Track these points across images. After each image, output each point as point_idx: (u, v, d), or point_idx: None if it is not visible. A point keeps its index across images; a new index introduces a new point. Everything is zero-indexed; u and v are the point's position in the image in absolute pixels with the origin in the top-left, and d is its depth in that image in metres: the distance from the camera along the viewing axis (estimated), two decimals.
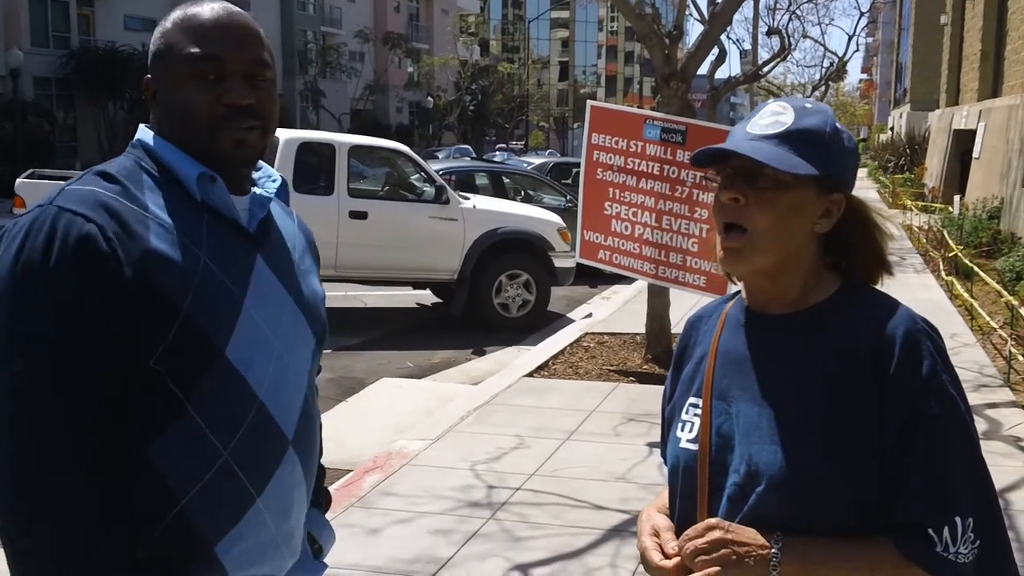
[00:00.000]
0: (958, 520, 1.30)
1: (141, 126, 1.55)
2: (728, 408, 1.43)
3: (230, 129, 1.46)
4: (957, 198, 17.68)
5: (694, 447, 1.45)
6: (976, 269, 10.38)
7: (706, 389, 1.47)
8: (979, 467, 1.35)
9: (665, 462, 1.58)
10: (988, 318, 8.82)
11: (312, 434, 1.57)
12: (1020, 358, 7.29)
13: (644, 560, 1.46)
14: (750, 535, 1.33)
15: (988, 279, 9.63)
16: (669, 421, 1.57)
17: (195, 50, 1.45)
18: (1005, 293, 8.64)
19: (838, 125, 1.43)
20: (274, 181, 1.60)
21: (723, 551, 1.32)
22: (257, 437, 1.44)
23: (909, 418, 1.32)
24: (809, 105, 1.44)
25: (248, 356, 1.44)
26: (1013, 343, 7.52)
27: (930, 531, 1.29)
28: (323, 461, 1.85)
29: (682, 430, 1.49)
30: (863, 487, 1.32)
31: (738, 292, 1.53)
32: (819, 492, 1.32)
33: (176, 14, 1.50)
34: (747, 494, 1.36)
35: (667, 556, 1.42)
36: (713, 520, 1.36)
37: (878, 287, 1.48)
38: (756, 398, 1.40)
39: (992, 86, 18.69)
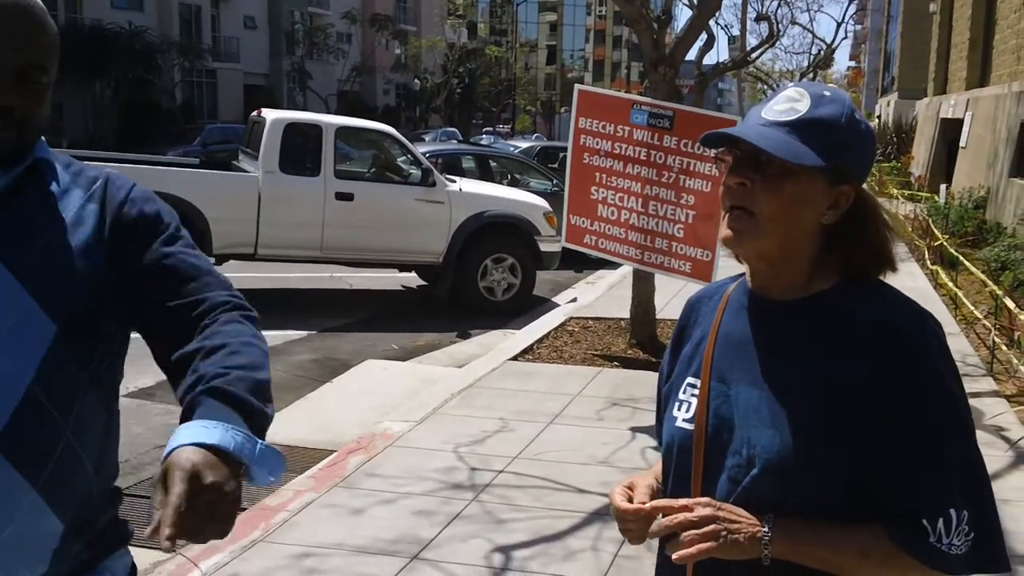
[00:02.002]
0: (953, 512, 1.30)
1: None
2: (727, 390, 1.44)
3: None
4: (943, 187, 17.75)
5: (690, 427, 1.46)
6: (961, 258, 10.43)
7: (705, 370, 1.47)
8: (976, 461, 1.36)
9: (659, 441, 1.59)
10: (972, 307, 8.87)
11: (42, 436, 1.36)
12: (1003, 348, 7.33)
13: (612, 510, 1.48)
14: (741, 513, 1.33)
15: (973, 268, 9.68)
16: (665, 400, 1.58)
17: None
18: (990, 283, 8.69)
19: (856, 115, 1.41)
20: (31, 157, 1.46)
21: (713, 527, 1.32)
22: None
23: (907, 409, 1.32)
24: (827, 93, 1.42)
25: None
26: (996, 333, 7.57)
27: (924, 521, 1.30)
28: (306, 442, 1.74)
29: (678, 409, 1.49)
30: (858, 474, 1.33)
31: (741, 275, 1.53)
32: (814, 477, 1.33)
33: None
34: (744, 475, 1.37)
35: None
36: (703, 499, 1.36)
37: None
38: (756, 381, 1.41)
39: (980, 75, 18.74)
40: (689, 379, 1.51)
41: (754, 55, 14.51)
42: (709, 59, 19.01)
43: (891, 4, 40.94)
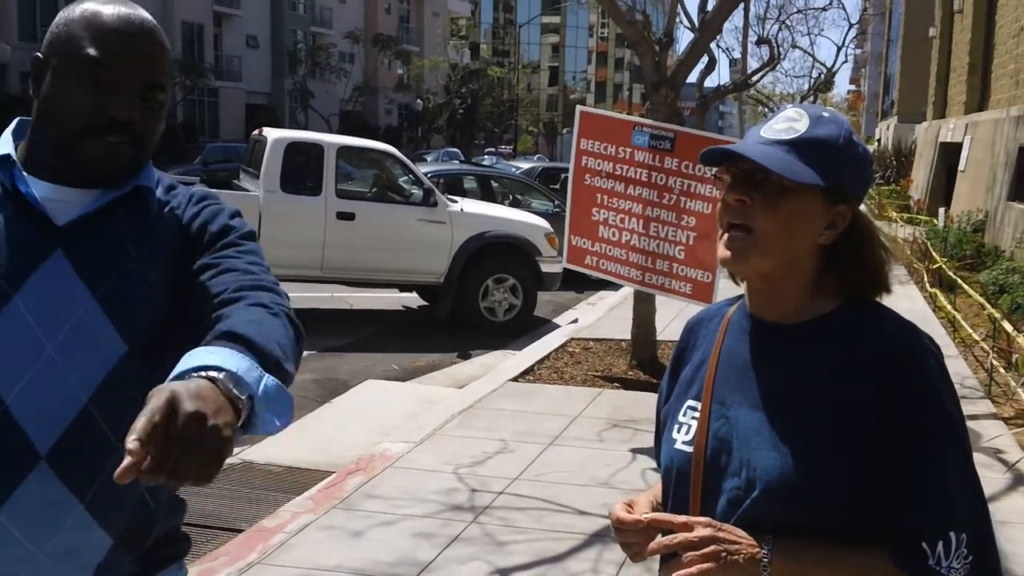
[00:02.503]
0: (952, 535, 1.31)
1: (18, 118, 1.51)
2: (727, 412, 1.44)
3: (101, 140, 1.41)
4: (942, 210, 17.79)
5: (689, 449, 1.46)
6: (960, 281, 10.44)
7: (706, 392, 1.48)
8: (974, 483, 1.37)
9: (658, 463, 1.59)
10: (971, 330, 8.88)
11: (92, 452, 1.37)
12: (1001, 371, 7.33)
13: (612, 521, 1.48)
14: (740, 534, 1.34)
15: (971, 292, 9.70)
16: (664, 422, 1.58)
17: (92, 53, 1.40)
18: (988, 306, 8.70)
19: (854, 137, 1.43)
20: (139, 179, 1.48)
21: (713, 547, 1.32)
22: None
23: (907, 432, 1.33)
24: (826, 114, 1.44)
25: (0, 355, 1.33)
26: (994, 356, 7.57)
27: (924, 544, 1.31)
28: (305, 463, 1.76)
29: (678, 431, 1.50)
30: (857, 497, 1.33)
31: (740, 297, 1.54)
32: (814, 499, 1.33)
33: (85, 6, 1.44)
34: (744, 498, 1.37)
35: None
36: (704, 519, 1.36)
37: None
38: (757, 404, 1.41)
39: (979, 99, 18.82)
40: (689, 402, 1.51)
41: (755, 78, 14.57)
42: (710, 82, 19.10)
43: (891, 28, 41.18)
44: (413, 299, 10.85)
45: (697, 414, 1.48)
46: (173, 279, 1.47)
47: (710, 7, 7.59)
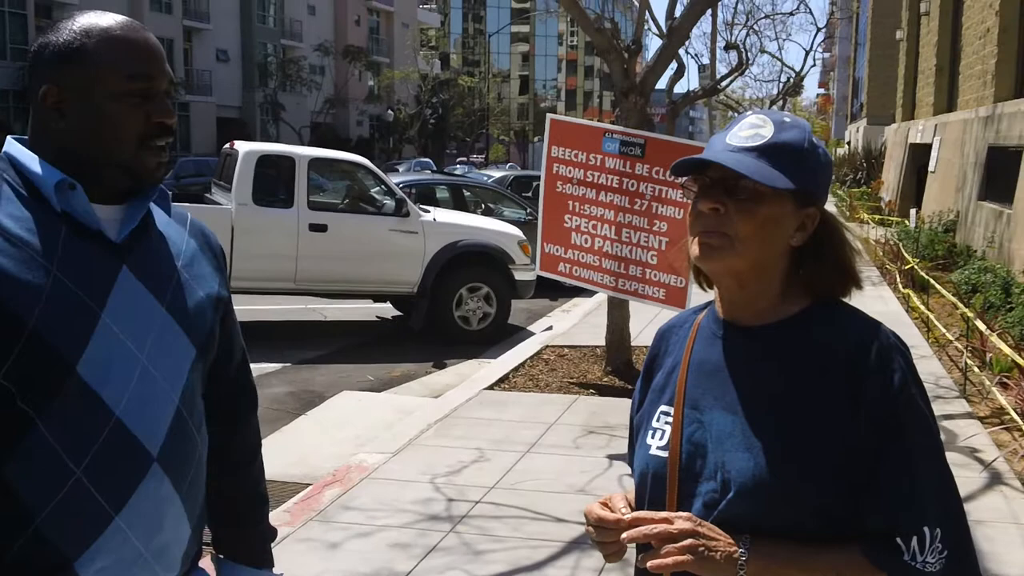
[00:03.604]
0: (926, 530, 1.32)
1: (8, 138, 1.54)
2: (700, 416, 1.45)
3: (155, 148, 1.50)
4: (913, 211, 17.97)
5: (664, 454, 1.46)
6: (932, 282, 10.53)
7: (678, 397, 1.48)
8: (947, 479, 1.38)
9: (632, 469, 1.59)
10: (944, 330, 8.95)
11: (186, 448, 1.53)
12: (976, 370, 7.39)
13: (587, 518, 1.47)
14: (719, 532, 1.34)
15: (944, 292, 9.78)
16: (638, 428, 1.59)
17: (130, 68, 1.46)
18: (961, 305, 8.77)
19: (814, 140, 1.45)
20: (155, 188, 1.57)
21: (691, 541, 1.33)
22: (113, 455, 1.41)
23: (880, 430, 1.34)
24: (787, 119, 1.46)
25: (104, 371, 1.41)
26: (969, 355, 7.63)
27: (898, 540, 1.32)
28: (281, 475, 1.88)
29: (652, 437, 1.50)
30: (832, 496, 1.34)
31: (710, 303, 1.55)
32: (789, 500, 1.34)
33: (88, 25, 1.48)
34: (719, 500, 1.38)
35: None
36: (685, 513, 1.37)
37: (847, 301, 1.49)
38: (730, 407, 1.42)
39: (947, 100, 19.04)
40: (662, 407, 1.51)
41: (724, 83, 14.67)
42: (680, 87, 19.19)
43: (858, 32, 41.63)
44: (387, 309, 10.81)
45: (671, 419, 1.48)
46: (214, 285, 1.64)
47: (678, 13, 7.61)
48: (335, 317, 10.78)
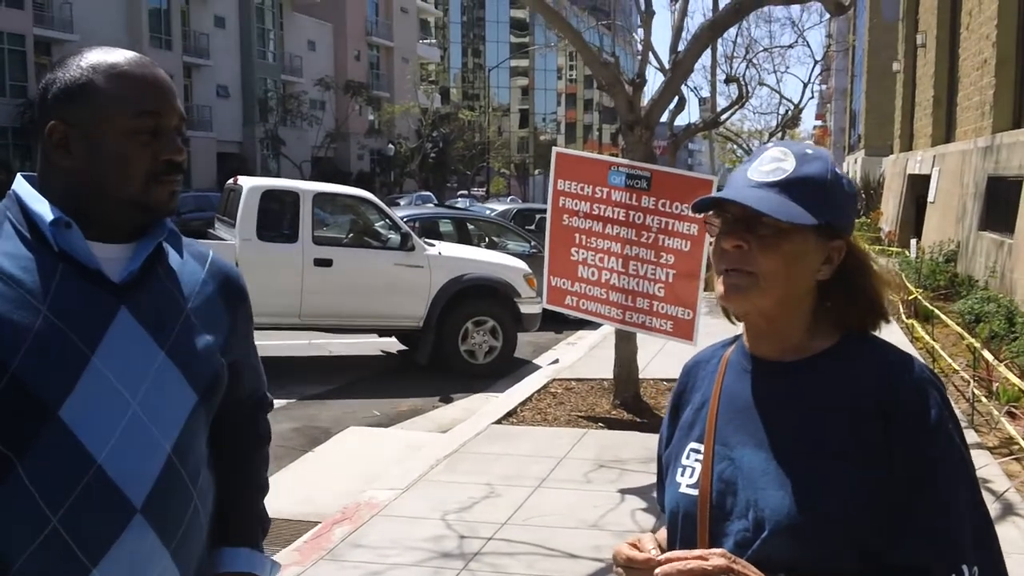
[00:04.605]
0: (965, 568, 1.30)
1: (18, 176, 1.52)
2: (730, 454, 1.43)
3: (166, 183, 1.47)
4: (914, 242, 17.99)
5: (695, 492, 1.44)
6: (937, 312, 10.52)
7: (708, 434, 1.46)
8: (984, 515, 1.36)
9: (662, 508, 1.58)
10: (950, 360, 8.93)
11: (178, 500, 1.45)
12: (983, 400, 7.37)
13: (615, 559, 1.44)
14: (754, 570, 1.32)
15: (950, 322, 9.77)
16: (666, 466, 1.57)
17: (138, 105, 1.44)
18: (967, 335, 8.76)
19: (837, 170, 1.44)
20: (165, 229, 1.54)
21: None
22: (92, 504, 1.36)
23: (917, 467, 1.33)
24: (810, 151, 1.44)
25: (88, 416, 1.37)
26: (975, 385, 7.61)
27: None
28: (289, 514, 1.84)
29: (682, 475, 1.48)
30: (869, 533, 1.32)
31: (738, 337, 1.54)
32: (826, 538, 1.32)
33: (95, 61, 1.46)
34: (753, 539, 1.36)
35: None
36: (719, 550, 1.34)
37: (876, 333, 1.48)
38: (762, 444, 1.40)
39: (945, 131, 19.13)
40: (692, 444, 1.50)
41: (724, 116, 14.75)
42: (680, 120, 19.31)
43: (855, 64, 41.93)
44: (392, 344, 10.79)
45: (700, 456, 1.46)
46: (223, 330, 1.59)
47: (681, 48, 7.67)
48: (340, 352, 10.76)
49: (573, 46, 7.67)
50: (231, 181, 9.97)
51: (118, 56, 1.47)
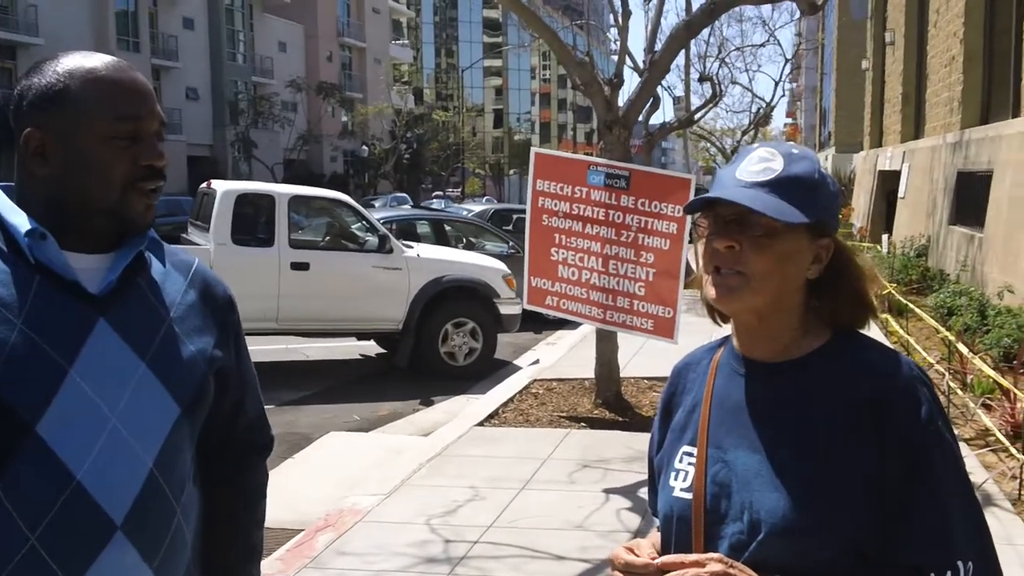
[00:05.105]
0: (960, 564, 1.31)
1: None
2: (724, 456, 1.43)
3: (143, 191, 1.44)
4: (885, 237, 18.16)
5: (688, 496, 1.44)
6: (911, 306, 10.62)
7: (701, 437, 1.46)
8: (976, 511, 1.37)
9: (654, 512, 1.58)
10: (924, 354, 9.02)
11: (160, 516, 1.42)
12: (959, 392, 7.44)
13: (613, 564, 1.44)
14: (751, 573, 1.32)
15: (925, 316, 9.86)
16: (658, 470, 1.56)
17: (116, 110, 1.41)
18: (942, 329, 8.84)
19: (824, 170, 1.44)
20: (145, 238, 1.51)
21: None
22: (71, 521, 1.33)
23: (909, 465, 1.33)
24: (796, 151, 1.45)
25: (66, 431, 1.33)
26: (950, 377, 7.68)
27: (932, 575, 1.31)
28: (271, 522, 1.80)
29: (675, 479, 1.48)
30: (864, 533, 1.33)
31: (726, 339, 1.54)
32: (821, 539, 1.32)
33: (71, 66, 1.42)
34: (748, 541, 1.36)
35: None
36: (716, 555, 1.35)
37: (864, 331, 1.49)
38: (755, 446, 1.40)
39: (914, 128, 19.32)
40: (684, 447, 1.49)
41: (699, 115, 14.83)
42: (654, 119, 19.35)
43: (824, 62, 42.27)
44: (371, 347, 10.74)
45: (693, 460, 1.46)
46: (208, 341, 1.55)
47: (657, 47, 7.69)
48: (318, 356, 10.70)
49: (549, 47, 7.68)
50: (204, 185, 9.88)
51: (95, 60, 1.44)
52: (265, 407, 1.78)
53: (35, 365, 1.33)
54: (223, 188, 9.26)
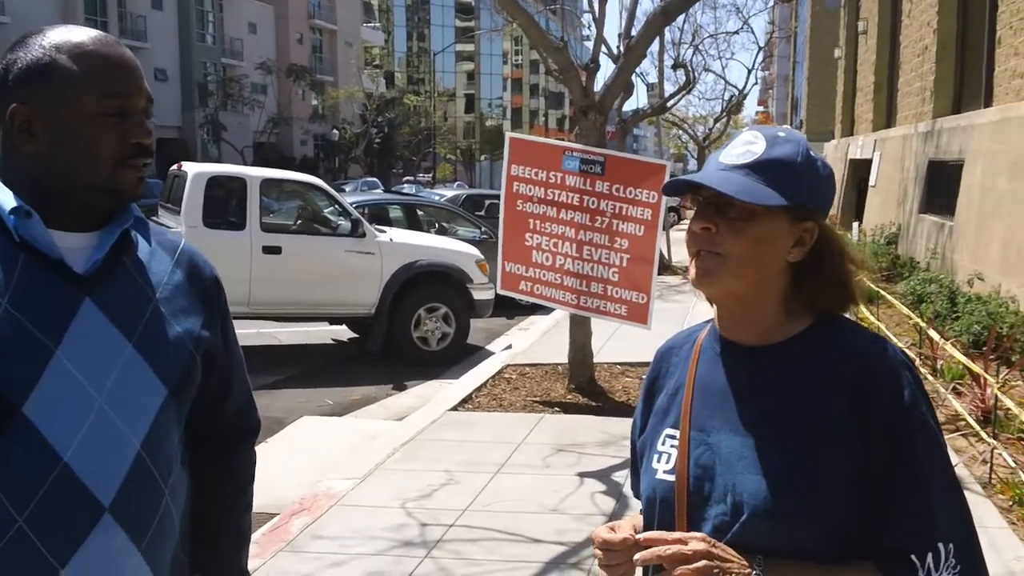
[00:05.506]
0: (941, 546, 1.32)
1: None
2: (707, 439, 1.43)
3: (133, 167, 1.42)
4: (855, 225, 18.31)
5: (671, 478, 1.44)
6: (883, 293, 10.72)
7: (684, 420, 1.46)
8: (957, 492, 1.38)
9: (636, 494, 1.58)
10: (896, 340, 9.11)
11: (148, 498, 1.41)
12: (929, 378, 7.52)
13: (594, 542, 1.44)
14: (733, 553, 1.33)
15: (896, 302, 9.96)
16: (641, 453, 1.56)
17: (104, 86, 1.39)
18: (913, 316, 8.94)
19: (812, 153, 1.44)
20: (130, 216, 1.50)
21: (705, 563, 1.31)
22: (59, 503, 1.32)
23: (893, 449, 1.34)
24: (782, 134, 1.45)
25: (53, 412, 1.32)
26: (921, 363, 7.77)
27: (913, 557, 1.32)
28: None
29: (658, 461, 1.48)
30: (846, 515, 1.33)
31: (709, 322, 1.54)
32: (804, 521, 1.32)
33: (58, 40, 1.40)
34: (731, 523, 1.36)
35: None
36: (699, 534, 1.35)
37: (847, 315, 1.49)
38: (738, 429, 1.40)
39: (886, 117, 19.47)
40: (667, 430, 1.49)
41: (672, 101, 14.84)
42: (628, 106, 19.37)
43: (797, 50, 42.48)
44: (343, 332, 10.69)
45: (676, 442, 1.46)
46: (195, 322, 1.53)
47: (634, 33, 7.68)
48: (289, 341, 10.63)
49: (524, 31, 7.64)
50: (175, 167, 9.76)
51: (82, 35, 1.41)
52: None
53: (20, 345, 1.32)
54: (194, 171, 9.16)
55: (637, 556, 1.35)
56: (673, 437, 1.47)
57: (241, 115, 50.87)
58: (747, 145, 1.41)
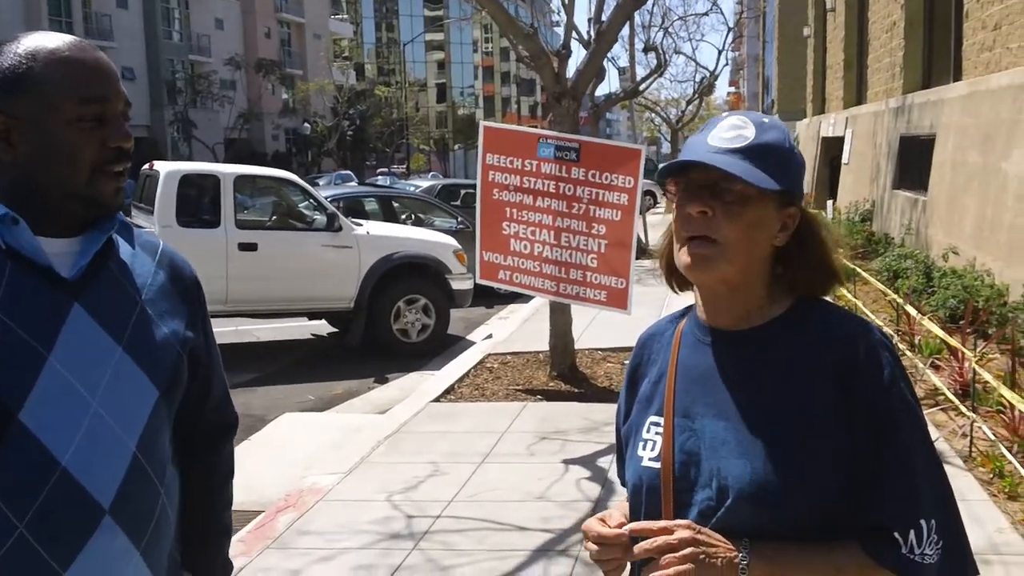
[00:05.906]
0: (923, 522, 1.34)
1: None
2: (691, 424, 1.43)
3: (111, 174, 1.43)
4: (829, 203, 18.41)
5: (657, 465, 1.45)
6: (858, 270, 10.79)
7: (668, 406, 1.47)
8: (938, 469, 1.39)
9: (623, 482, 1.59)
10: (873, 317, 9.17)
11: (146, 499, 1.42)
12: (907, 353, 7.58)
13: (586, 535, 1.46)
14: (719, 538, 1.34)
15: (872, 279, 10.03)
16: (626, 440, 1.57)
17: (83, 92, 1.39)
18: (890, 292, 9.00)
19: (791, 140, 1.46)
20: (115, 223, 1.50)
21: (691, 549, 1.32)
22: (59, 508, 1.33)
23: (873, 427, 1.35)
24: (767, 120, 1.46)
25: (49, 418, 1.33)
26: (899, 339, 7.83)
27: (896, 534, 1.33)
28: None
29: (643, 448, 1.48)
30: (830, 497, 1.34)
31: (689, 308, 1.53)
32: (788, 502, 1.33)
33: (33, 47, 1.39)
34: (717, 507, 1.37)
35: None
36: (684, 521, 1.36)
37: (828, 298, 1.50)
38: (722, 413, 1.41)
39: (857, 94, 19.57)
40: (651, 417, 1.50)
41: (644, 85, 14.85)
42: (600, 90, 19.34)
43: (766, 30, 42.57)
44: (322, 327, 10.64)
45: (661, 429, 1.47)
46: (180, 322, 1.55)
47: (605, 17, 7.66)
48: (268, 337, 10.57)
49: (494, 19, 7.60)
50: (147, 166, 9.67)
51: (57, 41, 1.41)
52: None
53: (13, 352, 1.33)
54: (166, 169, 9.07)
55: (635, 549, 1.37)
56: (657, 424, 1.47)
57: (211, 112, 50.46)
58: (737, 130, 1.42)
